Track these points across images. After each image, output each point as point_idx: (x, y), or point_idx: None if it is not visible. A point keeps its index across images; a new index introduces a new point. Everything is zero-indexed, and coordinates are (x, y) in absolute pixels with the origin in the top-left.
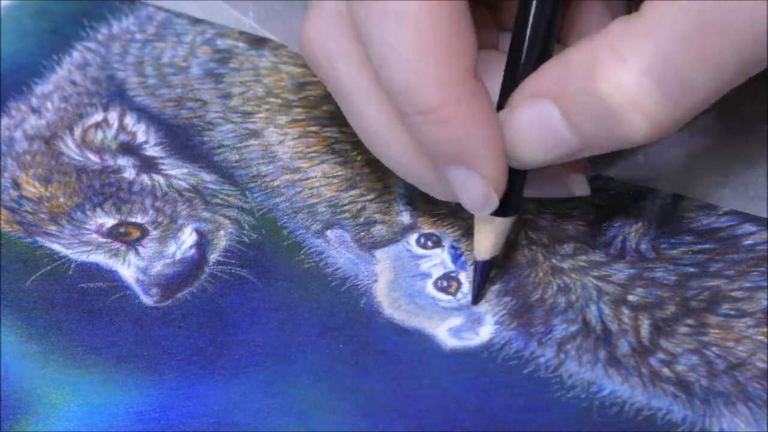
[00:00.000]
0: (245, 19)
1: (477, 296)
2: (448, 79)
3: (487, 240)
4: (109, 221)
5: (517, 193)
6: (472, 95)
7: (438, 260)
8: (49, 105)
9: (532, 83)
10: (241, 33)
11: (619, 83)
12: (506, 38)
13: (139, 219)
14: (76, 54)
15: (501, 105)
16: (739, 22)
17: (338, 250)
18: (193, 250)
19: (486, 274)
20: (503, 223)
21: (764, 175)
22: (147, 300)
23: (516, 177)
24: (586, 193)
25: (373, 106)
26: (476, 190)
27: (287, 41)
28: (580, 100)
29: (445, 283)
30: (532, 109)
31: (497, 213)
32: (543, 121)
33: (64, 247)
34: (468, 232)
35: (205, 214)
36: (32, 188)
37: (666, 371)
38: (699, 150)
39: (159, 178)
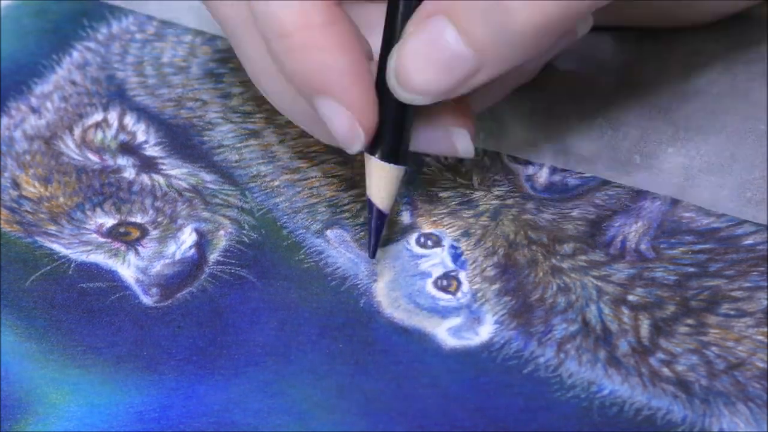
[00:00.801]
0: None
1: (375, 249)
2: (304, 2)
3: (379, 186)
4: (109, 221)
5: (405, 138)
6: (331, 20)
7: (438, 260)
8: (48, 105)
9: (424, 6)
10: None
11: None
12: None
13: (138, 219)
14: (75, 54)
15: (389, 41)
16: None
17: (338, 250)
18: (192, 250)
19: (383, 225)
20: (393, 171)
21: (762, 177)
22: (147, 300)
23: (402, 118)
24: (469, 154)
25: (251, 40)
26: (341, 121)
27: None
28: (473, 6)
29: (444, 283)
30: (425, 32)
31: (384, 158)
32: (437, 41)
33: (63, 247)
34: (468, 232)
35: (205, 214)
36: (32, 188)
37: (666, 371)
38: (695, 150)
39: (159, 178)
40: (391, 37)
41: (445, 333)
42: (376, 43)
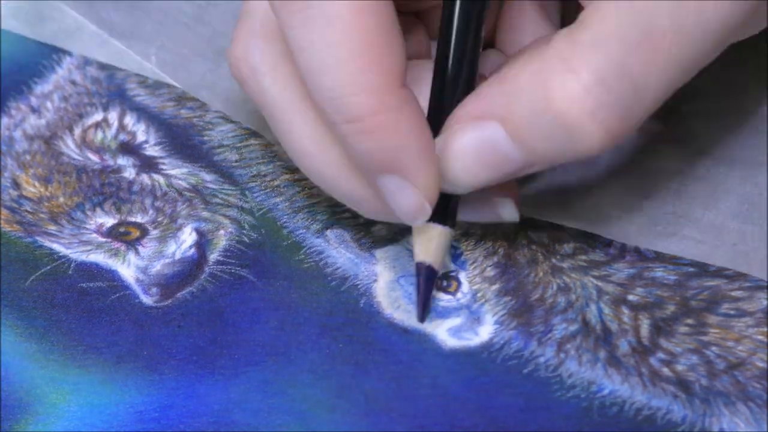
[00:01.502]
0: (147, 63)
1: (423, 311)
2: (377, 85)
3: (426, 248)
4: (109, 221)
5: (453, 205)
6: (402, 102)
7: None
8: (49, 105)
9: (473, 105)
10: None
11: (574, 96)
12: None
13: (139, 219)
14: (76, 54)
15: (430, 120)
16: (686, 24)
17: (338, 250)
18: (192, 250)
19: (431, 284)
20: (441, 233)
21: (670, 212)
22: (147, 300)
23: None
24: (514, 220)
25: (301, 121)
26: (409, 199)
27: (189, 88)
28: (531, 118)
29: (444, 283)
30: (475, 132)
31: (432, 220)
32: (487, 143)
33: (63, 246)
34: (468, 232)
35: (205, 214)
36: (32, 188)
37: (666, 371)
38: (605, 186)
39: (159, 178)
40: (436, 111)
41: (445, 333)
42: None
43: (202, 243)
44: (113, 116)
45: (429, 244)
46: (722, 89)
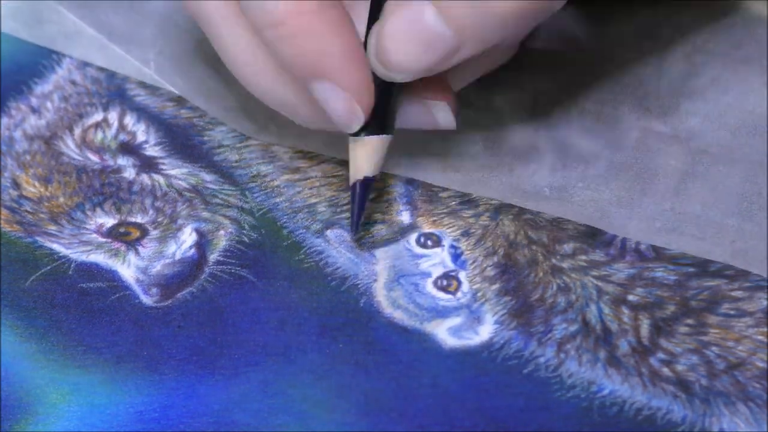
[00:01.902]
0: (146, 69)
1: (357, 223)
2: None
3: (361, 160)
4: (109, 221)
5: (389, 110)
6: (322, 5)
7: (438, 259)
8: (49, 105)
9: None
10: None
11: None
12: None
13: (139, 219)
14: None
15: (372, 10)
16: None
17: (338, 250)
18: (193, 250)
19: (364, 197)
20: (378, 142)
21: (669, 209)
22: (147, 300)
23: (386, 93)
24: (451, 126)
25: (237, 33)
26: (340, 103)
27: (187, 95)
28: None
29: (444, 282)
30: (405, 12)
31: (370, 131)
32: (417, 21)
33: (64, 246)
34: (468, 231)
35: (205, 214)
36: (32, 188)
37: (666, 371)
38: (606, 182)
39: (159, 178)
40: (374, 15)
41: (445, 333)
42: (362, 29)
43: (202, 243)
44: (113, 116)
45: (365, 157)
46: (722, 89)
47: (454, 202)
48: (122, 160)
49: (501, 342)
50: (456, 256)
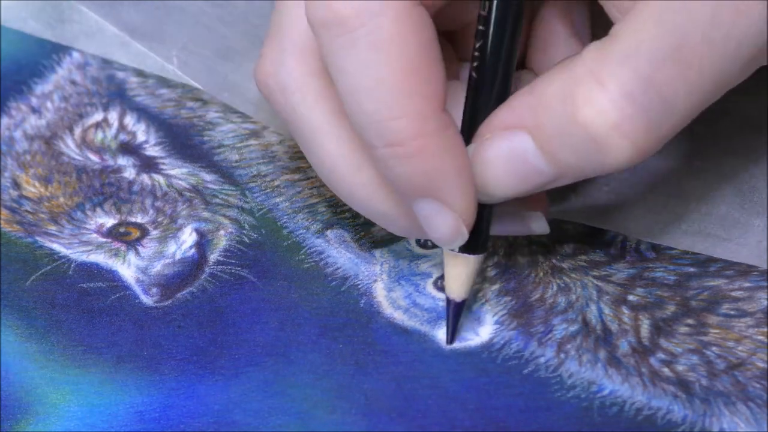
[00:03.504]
0: (169, 66)
1: (453, 336)
2: (419, 110)
3: (459, 279)
4: (109, 221)
5: (485, 228)
6: (443, 127)
7: (438, 260)
8: (49, 105)
9: (503, 115)
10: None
11: (600, 109)
12: (466, 69)
13: (139, 219)
14: (76, 54)
15: (463, 132)
16: (718, 40)
17: (338, 250)
18: (193, 250)
19: (459, 314)
20: (474, 261)
21: (696, 209)
22: (147, 300)
23: (483, 212)
24: (544, 232)
25: (332, 141)
26: (446, 223)
27: (211, 90)
28: (559, 130)
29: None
30: (505, 142)
31: (467, 250)
32: (516, 154)
33: (64, 246)
34: None
35: (205, 214)
36: (32, 188)
37: (666, 371)
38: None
39: (159, 178)
40: (469, 125)
41: (445, 333)
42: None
43: (203, 243)
44: (113, 116)
45: (460, 276)
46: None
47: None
48: (122, 160)
49: (501, 342)
50: None
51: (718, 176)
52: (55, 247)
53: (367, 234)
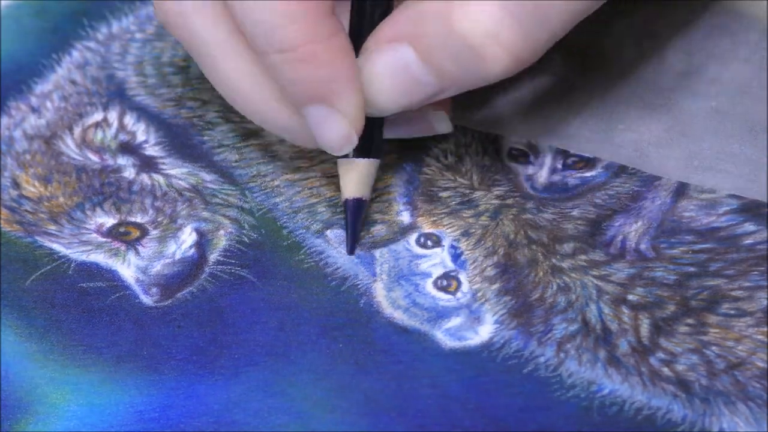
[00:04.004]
0: None
1: (353, 244)
2: (308, 15)
3: (352, 182)
4: (109, 221)
5: (377, 134)
6: (331, 32)
7: (438, 260)
8: (48, 104)
9: (387, 29)
10: None
11: (477, 18)
12: None
13: (138, 218)
14: (75, 53)
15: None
16: None
17: (338, 250)
18: (192, 250)
19: (358, 216)
20: (367, 166)
21: (707, 148)
22: (147, 299)
23: (375, 118)
24: (447, 130)
25: (230, 56)
26: (336, 127)
27: None
28: (438, 40)
29: (444, 283)
30: (388, 55)
31: (360, 154)
32: (400, 66)
33: (63, 246)
34: (468, 231)
35: (205, 214)
36: (32, 188)
37: (666, 370)
38: (643, 123)
39: (159, 178)
40: (355, 38)
41: (445, 333)
42: None
43: (202, 243)
44: (113, 116)
45: (356, 179)
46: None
47: (454, 202)
48: (122, 160)
49: (501, 342)
50: (456, 256)
51: (731, 116)
52: (55, 246)
53: (367, 234)
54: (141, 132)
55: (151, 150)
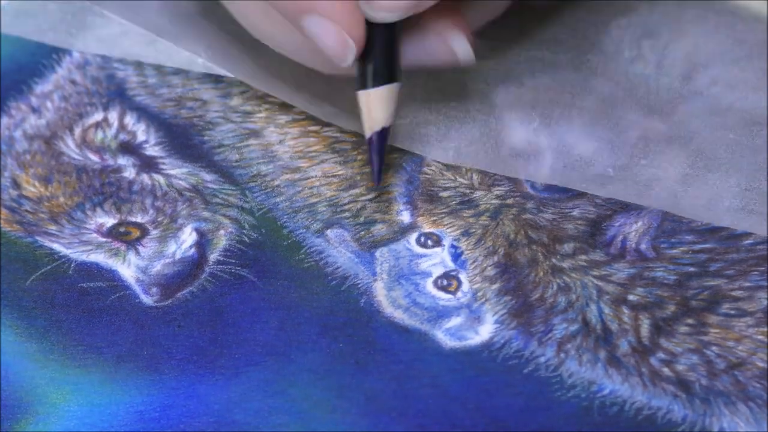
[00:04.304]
0: (198, 59)
1: (379, 174)
2: None
3: (375, 111)
4: (109, 221)
5: (392, 54)
6: None
7: (438, 259)
8: (49, 104)
9: None
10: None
11: None
12: None
13: (139, 218)
14: (76, 53)
15: None
16: None
17: (338, 250)
18: (193, 250)
19: (382, 147)
20: (388, 91)
21: (735, 185)
22: (147, 299)
23: (389, 39)
24: (470, 60)
25: None
26: (332, 36)
27: (245, 78)
28: None
29: (445, 282)
30: None
31: (377, 82)
32: None
33: (64, 246)
34: (468, 231)
35: (205, 214)
36: (32, 188)
37: (666, 371)
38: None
39: (159, 178)
40: None
41: (445, 333)
42: None
43: (203, 243)
44: (113, 116)
45: (378, 108)
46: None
47: (454, 202)
48: (122, 160)
49: (501, 342)
50: (456, 256)
51: (753, 150)
52: (55, 246)
53: (367, 233)
54: (141, 132)
55: (152, 150)
